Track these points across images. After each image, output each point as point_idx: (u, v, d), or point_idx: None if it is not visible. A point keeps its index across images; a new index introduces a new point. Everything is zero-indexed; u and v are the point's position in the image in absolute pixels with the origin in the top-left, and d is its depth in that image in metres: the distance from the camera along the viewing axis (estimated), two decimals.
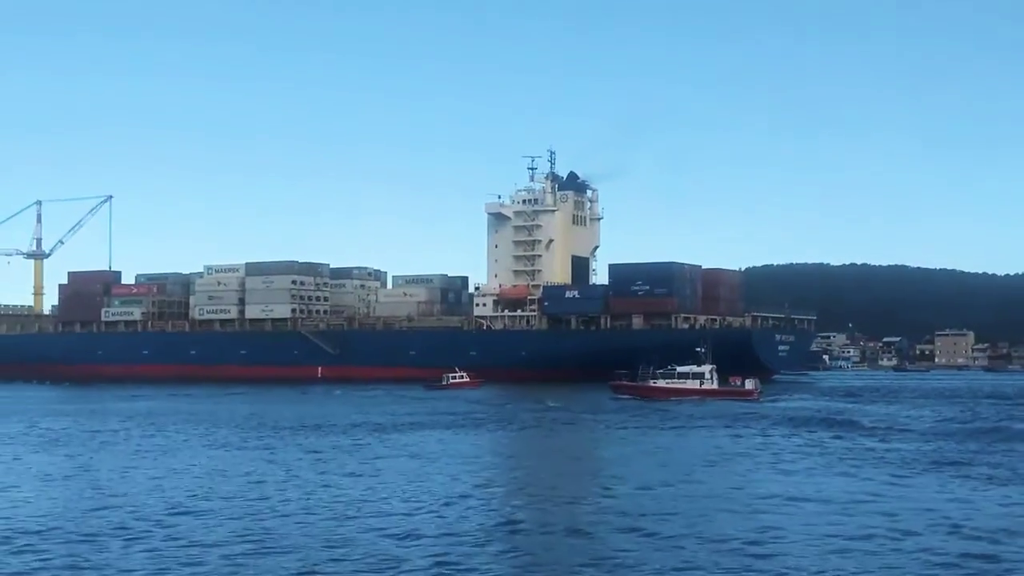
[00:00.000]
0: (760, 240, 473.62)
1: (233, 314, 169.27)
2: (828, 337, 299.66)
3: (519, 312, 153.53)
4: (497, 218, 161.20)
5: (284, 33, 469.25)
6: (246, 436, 58.16)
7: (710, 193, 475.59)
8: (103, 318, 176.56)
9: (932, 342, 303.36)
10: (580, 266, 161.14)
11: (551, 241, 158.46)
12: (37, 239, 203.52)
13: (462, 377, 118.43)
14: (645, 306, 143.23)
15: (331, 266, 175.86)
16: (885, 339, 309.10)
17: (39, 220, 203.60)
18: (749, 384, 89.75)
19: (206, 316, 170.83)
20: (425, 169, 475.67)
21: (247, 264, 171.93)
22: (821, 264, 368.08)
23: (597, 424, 65.92)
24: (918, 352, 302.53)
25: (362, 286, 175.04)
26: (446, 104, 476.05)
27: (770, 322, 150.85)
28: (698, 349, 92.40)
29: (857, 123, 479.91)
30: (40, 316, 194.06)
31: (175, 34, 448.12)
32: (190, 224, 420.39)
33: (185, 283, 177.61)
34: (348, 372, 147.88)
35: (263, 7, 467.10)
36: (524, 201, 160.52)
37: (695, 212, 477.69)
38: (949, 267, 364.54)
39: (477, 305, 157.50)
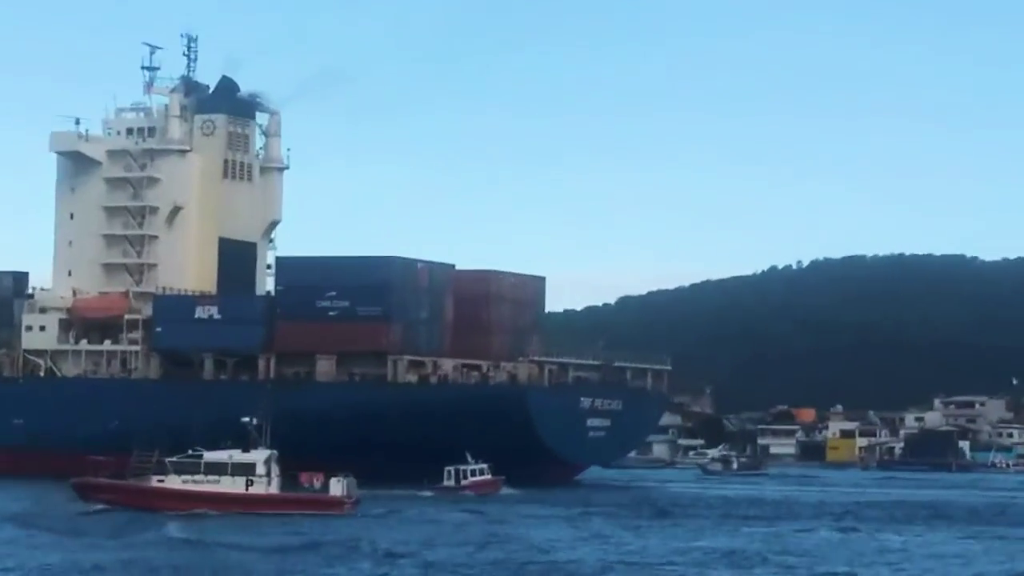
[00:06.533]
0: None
1: None
2: (973, 405, 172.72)
3: (108, 345, 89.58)
4: (75, 161, 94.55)
5: None
6: None
7: None
8: None
9: None
10: (238, 259, 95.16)
11: (177, 210, 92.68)
12: None
13: None
14: (339, 340, 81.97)
15: None
16: None
17: None
18: (336, 487, 56.23)
19: None
20: None
21: None
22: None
23: None
24: None
25: None
26: None
27: (569, 373, 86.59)
28: (246, 419, 55.09)
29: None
30: None
31: None
32: None
33: None
34: None
35: None
36: (129, 131, 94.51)
37: None
38: None
39: (29, 329, 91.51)
